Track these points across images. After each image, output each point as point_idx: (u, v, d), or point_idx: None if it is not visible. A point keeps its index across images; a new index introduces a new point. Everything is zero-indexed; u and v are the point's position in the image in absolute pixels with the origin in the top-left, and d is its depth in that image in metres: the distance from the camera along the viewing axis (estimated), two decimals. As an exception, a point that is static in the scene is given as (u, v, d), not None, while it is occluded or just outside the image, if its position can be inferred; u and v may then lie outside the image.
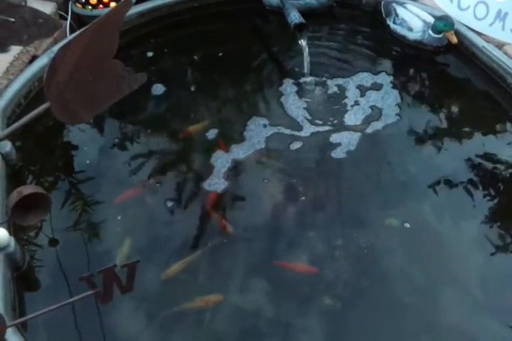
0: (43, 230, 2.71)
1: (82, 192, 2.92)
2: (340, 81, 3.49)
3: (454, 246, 2.66)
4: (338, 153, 3.06)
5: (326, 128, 3.21)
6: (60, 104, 2.37)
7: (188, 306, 2.44)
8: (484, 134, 3.20)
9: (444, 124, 3.25)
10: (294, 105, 3.33)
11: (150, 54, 3.71)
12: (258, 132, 3.18)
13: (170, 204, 2.84)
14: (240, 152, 3.07)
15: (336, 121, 3.24)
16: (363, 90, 3.43)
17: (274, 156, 3.08)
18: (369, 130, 3.19)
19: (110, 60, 2.32)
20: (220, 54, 3.70)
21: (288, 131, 3.18)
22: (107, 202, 2.85)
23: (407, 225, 2.71)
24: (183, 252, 2.63)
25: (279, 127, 3.20)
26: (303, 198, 2.86)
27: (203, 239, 2.70)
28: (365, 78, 3.51)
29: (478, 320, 2.42)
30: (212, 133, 3.16)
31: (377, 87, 3.45)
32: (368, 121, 3.24)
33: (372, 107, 3.33)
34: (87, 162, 3.04)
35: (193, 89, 3.51)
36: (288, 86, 3.45)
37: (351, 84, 3.46)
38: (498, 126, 3.24)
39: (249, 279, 2.55)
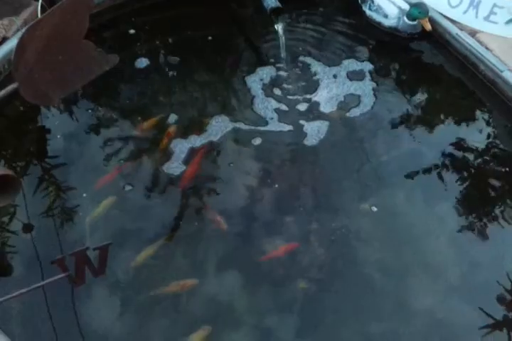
0: (16, 216, 2.68)
1: (56, 177, 2.87)
2: (315, 67, 3.48)
3: (425, 230, 2.70)
4: (311, 140, 3.07)
5: (300, 114, 3.21)
6: (29, 84, 2.32)
7: (163, 291, 2.43)
8: (456, 121, 3.24)
9: (418, 111, 3.29)
10: (268, 90, 3.32)
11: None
12: (231, 116, 3.17)
13: (142, 189, 2.83)
14: (211, 136, 3.06)
15: (310, 108, 3.24)
16: (337, 76, 3.43)
17: (245, 142, 3.08)
18: (342, 117, 3.20)
19: (81, 40, 2.28)
20: (196, 37, 3.66)
21: (260, 118, 3.17)
22: (80, 187, 2.82)
23: (378, 209, 2.74)
24: (156, 237, 2.61)
25: (250, 114, 3.19)
26: (271, 182, 2.86)
27: (176, 223, 2.69)
28: (340, 64, 3.51)
29: (448, 301, 2.47)
30: (176, 120, 3.15)
31: (352, 73, 3.46)
32: (341, 107, 3.25)
33: (346, 94, 3.33)
34: (60, 146, 3.00)
35: (167, 72, 3.47)
36: (263, 71, 3.44)
37: (326, 71, 3.46)
38: (470, 113, 3.28)
39: (224, 263, 2.56)
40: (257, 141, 3.07)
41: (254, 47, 3.68)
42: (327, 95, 3.32)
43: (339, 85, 3.38)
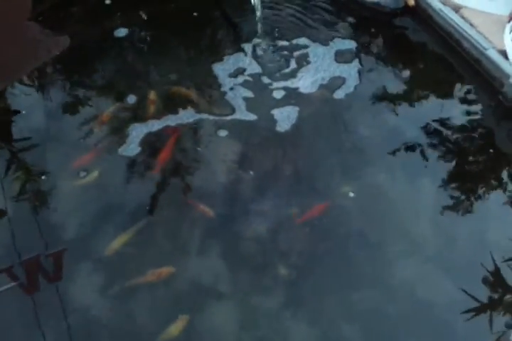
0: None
1: (26, 160, 2.78)
2: (294, 43, 3.38)
3: (406, 206, 2.69)
4: (291, 120, 2.99)
5: (277, 93, 3.12)
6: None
7: (139, 281, 2.37)
8: (439, 99, 3.18)
9: (400, 89, 3.22)
10: (243, 69, 3.22)
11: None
12: (210, 93, 3.09)
13: (118, 172, 2.74)
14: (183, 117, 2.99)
15: (288, 86, 3.15)
16: (317, 53, 3.33)
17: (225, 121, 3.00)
18: (323, 95, 3.11)
19: (23, 21, 2.07)
20: (171, 10, 3.53)
21: (231, 99, 3.07)
22: (53, 170, 2.73)
23: (360, 190, 2.71)
24: (130, 224, 2.54)
25: (219, 97, 3.09)
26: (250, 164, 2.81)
27: (150, 209, 2.63)
28: (321, 41, 3.40)
29: (430, 277, 2.46)
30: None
31: (333, 50, 3.36)
32: (322, 86, 3.17)
33: (326, 71, 3.25)
34: (31, 128, 2.89)
35: (140, 48, 3.34)
36: (240, 47, 3.33)
37: (305, 47, 3.36)
38: (453, 92, 3.22)
39: (201, 249, 2.51)
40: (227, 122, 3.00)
41: (231, 22, 3.55)
42: (306, 73, 3.22)
43: (318, 62, 3.28)
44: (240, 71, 3.24)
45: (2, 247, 2.41)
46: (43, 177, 2.72)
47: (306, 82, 3.20)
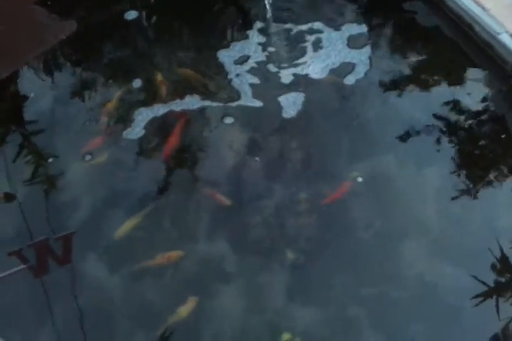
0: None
1: (35, 143, 2.79)
2: (303, 28, 3.34)
3: (416, 192, 2.67)
4: (298, 106, 2.97)
5: (286, 78, 3.09)
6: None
7: (148, 264, 2.38)
8: (450, 84, 3.14)
9: (410, 74, 3.18)
10: (251, 54, 3.19)
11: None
12: (217, 78, 3.07)
13: (126, 156, 2.75)
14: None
15: (298, 72, 3.12)
16: (327, 38, 3.29)
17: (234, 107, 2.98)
18: (334, 81, 3.08)
19: (29, 5, 2.04)
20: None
21: (233, 90, 3.04)
22: (62, 154, 2.74)
23: (369, 175, 2.70)
24: (139, 208, 2.55)
25: (224, 83, 3.07)
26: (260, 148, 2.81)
27: (160, 192, 2.63)
28: (330, 26, 3.35)
29: (438, 262, 2.46)
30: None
31: (343, 35, 3.31)
32: (332, 71, 3.13)
33: (336, 57, 3.21)
34: (40, 111, 2.89)
35: (148, 32, 3.33)
36: (248, 32, 3.29)
37: (315, 33, 3.31)
38: (464, 76, 3.18)
39: (210, 233, 2.51)
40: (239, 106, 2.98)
41: (238, 6, 3.52)
42: (316, 58, 3.19)
43: (329, 47, 3.24)
44: (248, 57, 3.21)
45: (12, 229, 2.44)
46: (50, 161, 2.74)
47: (315, 66, 3.17)
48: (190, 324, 2.26)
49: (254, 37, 3.33)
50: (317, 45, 3.28)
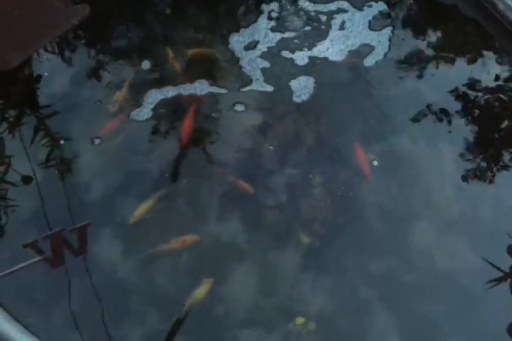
0: (12, 167, 2.61)
1: (51, 126, 2.78)
2: (320, 8, 3.25)
3: (431, 174, 2.67)
4: (314, 86, 2.92)
5: (304, 60, 3.03)
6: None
7: (163, 248, 2.39)
8: (470, 63, 3.09)
9: (429, 52, 3.13)
10: (267, 38, 3.11)
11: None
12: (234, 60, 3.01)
13: (141, 139, 2.73)
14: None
15: (315, 53, 3.06)
16: (344, 18, 3.21)
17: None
18: (350, 60, 3.03)
19: None
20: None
21: (245, 76, 2.97)
22: (78, 137, 2.73)
23: (383, 153, 2.70)
24: (153, 191, 2.54)
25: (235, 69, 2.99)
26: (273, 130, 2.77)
27: (173, 178, 2.62)
28: (346, 5, 3.27)
29: (452, 245, 2.47)
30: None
31: (360, 15, 3.23)
32: (350, 51, 3.07)
33: (353, 37, 3.14)
34: (55, 94, 2.86)
35: (166, 13, 3.28)
36: (265, 13, 3.21)
37: (332, 12, 3.22)
38: (484, 56, 3.10)
39: (224, 217, 2.51)
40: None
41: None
42: (334, 38, 3.13)
43: (346, 27, 3.17)
44: (261, 39, 3.14)
45: (27, 214, 2.46)
46: (62, 143, 2.73)
47: (333, 46, 3.11)
48: (205, 306, 2.29)
49: (270, 17, 3.26)
50: (337, 22, 3.21)
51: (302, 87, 2.92)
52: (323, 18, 3.22)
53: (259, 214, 2.54)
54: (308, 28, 3.18)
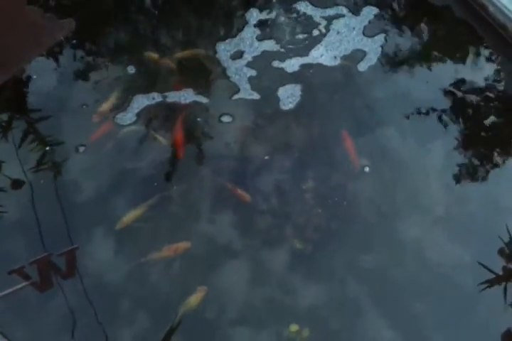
0: (2, 172, 2.60)
1: (41, 130, 2.74)
2: (309, 10, 3.24)
3: (420, 170, 2.68)
4: (307, 85, 2.92)
5: (294, 60, 3.03)
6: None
7: (155, 257, 2.37)
8: (460, 64, 3.10)
9: (420, 54, 3.13)
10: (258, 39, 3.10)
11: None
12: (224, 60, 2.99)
13: (132, 144, 2.71)
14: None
15: (304, 53, 3.06)
16: (337, 18, 3.20)
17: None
18: (340, 61, 3.03)
19: (23, 6, 1.91)
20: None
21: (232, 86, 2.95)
22: (69, 141, 2.70)
23: (373, 150, 2.71)
24: (143, 199, 2.52)
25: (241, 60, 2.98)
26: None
27: (165, 181, 2.61)
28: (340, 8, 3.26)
29: (443, 243, 2.49)
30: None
31: (352, 17, 3.22)
32: (342, 52, 3.06)
33: (344, 36, 3.13)
34: (44, 96, 2.82)
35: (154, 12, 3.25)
36: (253, 17, 3.19)
37: (322, 13, 3.22)
38: (474, 57, 3.11)
39: (216, 223, 2.50)
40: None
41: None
42: (323, 40, 3.11)
43: (335, 27, 3.16)
44: (251, 44, 3.12)
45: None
46: (49, 149, 2.70)
47: (320, 49, 3.10)
48: (200, 313, 2.28)
49: (263, 22, 3.23)
50: (327, 23, 3.19)
51: (289, 95, 2.92)
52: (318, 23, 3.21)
53: (254, 221, 2.54)
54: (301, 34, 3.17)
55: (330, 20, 3.21)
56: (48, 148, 2.69)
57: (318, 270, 2.42)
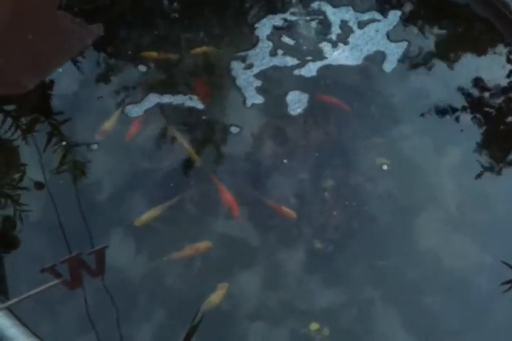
0: (26, 174, 2.63)
1: (64, 132, 2.77)
2: (327, 10, 3.25)
3: (438, 171, 2.69)
4: (321, 85, 2.95)
5: (312, 62, 3.05)
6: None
7: (177, 256, 2.41)
8: (481, 63, 3.09)
9: (439, 50, 3.13)
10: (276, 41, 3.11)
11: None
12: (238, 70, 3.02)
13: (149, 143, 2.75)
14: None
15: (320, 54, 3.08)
16: (355, 20, 3.21)
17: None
18: (359, 61, 3.05)
19: (54, 12, 1.94)
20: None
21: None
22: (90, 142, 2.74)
23: (390, 150, 2.72)
24: (162, 196, 2.56)
25: (259, 64, 3.01)
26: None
27: (183, 181, 2.64)
28: (356, 7, 3.27)
29: (462, 244, 2.50)
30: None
31: (371, 12, 3.23)
32: (359, 52, 3.08)
33: (362, 36, 3.14)
34: (66, 99, 2.86)
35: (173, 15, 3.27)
36: (272, 19, 3.20)
37: (340, 13, 3.24)
38: (495, 56, 3.10)
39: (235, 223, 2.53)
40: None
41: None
42: (340, 42, 3.14)
43: (354, 28, 3.18)
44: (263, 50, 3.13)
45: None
46: (73, 149, 2.75)
47: (339, 50, 3.12)
48: (222, 310, 2.31)
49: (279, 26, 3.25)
50: (347, 23, 3.20)
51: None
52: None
53: (272, 219, 2.56)
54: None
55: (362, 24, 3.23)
56: (70, 148, 2.75)
57: (338, 270, 2.44)
